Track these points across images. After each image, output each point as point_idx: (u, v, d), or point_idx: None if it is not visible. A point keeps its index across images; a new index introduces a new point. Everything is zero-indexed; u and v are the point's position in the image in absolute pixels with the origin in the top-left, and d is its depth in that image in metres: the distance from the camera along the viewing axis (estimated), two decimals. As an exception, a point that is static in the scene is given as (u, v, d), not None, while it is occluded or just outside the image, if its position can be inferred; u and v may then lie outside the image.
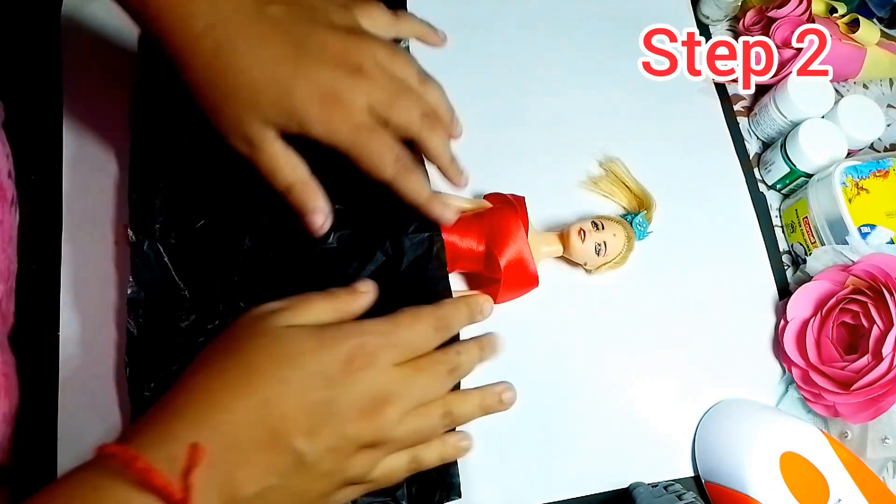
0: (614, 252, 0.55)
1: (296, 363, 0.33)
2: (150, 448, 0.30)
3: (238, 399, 0.32)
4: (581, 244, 0.54)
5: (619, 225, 0.56)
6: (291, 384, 0.33)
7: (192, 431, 0.31)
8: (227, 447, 0.31)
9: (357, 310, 0.38)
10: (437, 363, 0.36)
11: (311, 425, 0.32)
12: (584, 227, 0.54)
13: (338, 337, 0.34)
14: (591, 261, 0.55)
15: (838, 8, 0.67)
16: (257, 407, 0.32)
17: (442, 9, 0.66)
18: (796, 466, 0.51)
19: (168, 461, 0.30)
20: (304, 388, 0.33)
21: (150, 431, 0.31)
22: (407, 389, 0.35)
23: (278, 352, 0.33)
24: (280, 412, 0.32)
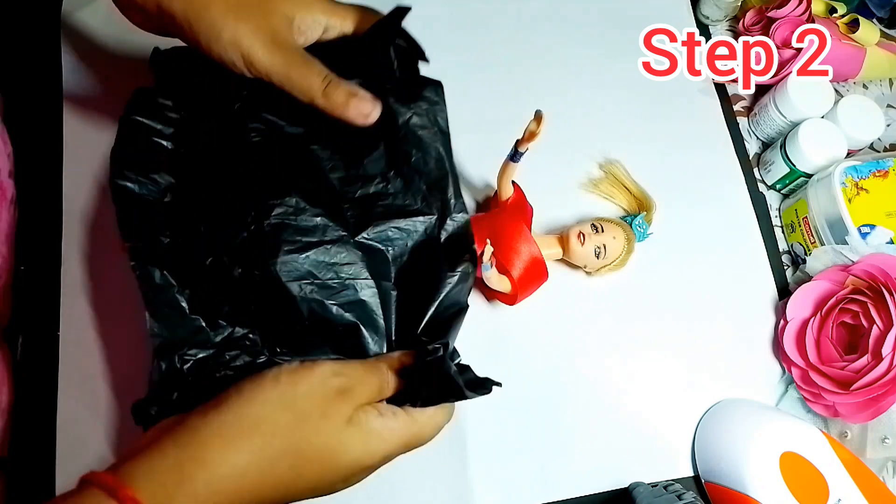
0: (614, 254, 0.55)
1: (336, 480, 0.36)
2: (141, 479, 0.30)
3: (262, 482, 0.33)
4: (580, 247, 0.54)
5: (619, 227, 0.56)
6: (317, 491, 0.35)
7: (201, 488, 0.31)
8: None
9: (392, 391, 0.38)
10: None
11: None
12: (583, 231, 0.54)
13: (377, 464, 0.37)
14: (590, 263, 0.55)
15: (838, 8, 0.67)
16: (270, 498, 0.33)
17: (442, 9, 0.67)
18: (796, 466, 0.51)
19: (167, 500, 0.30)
20: (319, 493, 0.36)
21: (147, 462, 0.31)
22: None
23: (331, 461, 0.35)
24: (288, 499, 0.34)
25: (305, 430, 0.34)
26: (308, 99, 0.39)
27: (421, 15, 0.65)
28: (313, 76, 0.39)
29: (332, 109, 0.39)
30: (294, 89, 0.39)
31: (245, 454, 0.32)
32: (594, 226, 0.55)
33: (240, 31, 0.37)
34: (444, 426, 0.39)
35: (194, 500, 0.31)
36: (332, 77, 0.40)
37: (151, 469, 0.31)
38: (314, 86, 0.39)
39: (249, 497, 0.33)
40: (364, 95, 0.40)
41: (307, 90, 0.39)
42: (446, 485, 0.52)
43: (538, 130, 0.47)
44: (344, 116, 0.40)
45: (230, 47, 0.38)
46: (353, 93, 0.40)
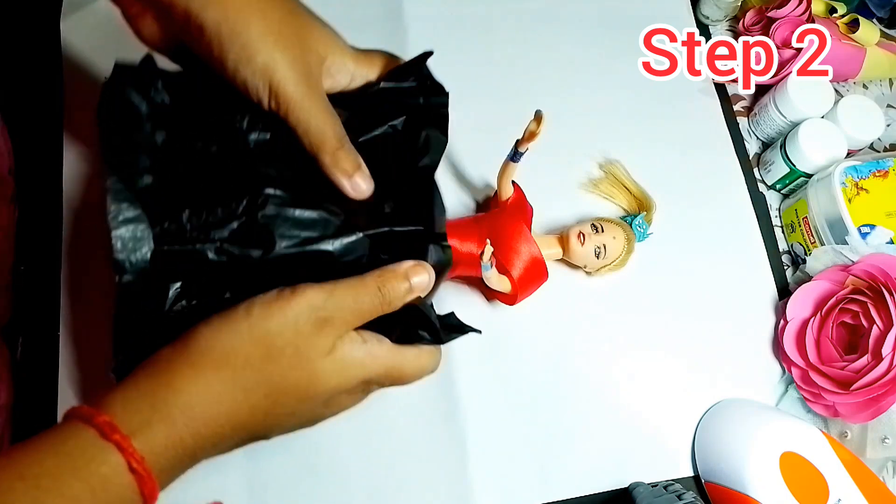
0: (614, 254, 0.55)
1: (316, 406, 0.36)
2: (117, 406, 0.31)
3: (238, 409, 0.33)
4: (580, 247, 0.54)
5: (619, 227, 0.56)
6: (298, 416, 0.36)
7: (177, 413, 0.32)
8: (200, 441, 0.32)
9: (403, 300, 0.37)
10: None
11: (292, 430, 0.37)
12: (583, 231, 0.54)
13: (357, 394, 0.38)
14: (590, 263, 0.55)
15: (838, 8, 0.67)
16: (250, 428, 0.34)
17: (442, 9, 0.67)
18: (796, 466, 0.51)
19: (141, 425, 0.31)
20: (303, 420, 0.37)
21: (122, 392, 0.32)
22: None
23: (307, 391, 0.35)
24: (269, 432, 0.36)
25: (278, 364, 0.34)
26: (314, 151, 0.37)
27: (421, 15, 0.66)
28: (330, 132, 0.37)
29: (333, 173, 0.37)
30: (307, 135, 0.37)
31: (217, 383, 0.33)
32: (594, 226, 0.55)
33: (276, 58, 0.35)
34: (428, 372, 0.39)
35: (170, 423, 0.31)
36: (346, 141, 0.38)
37: (125, 397, 0.32)
38: (327, 142, 0.37)
39: (227, 423, 0.33)
40: (366, 172, 0.38)
41: (319, 143, 0.37)
42: (446, 485, 0.52)
43: (538, 130, 0.47)
44: (339, 184, 0.38)
45: (260, 73, 0.35)
46: (359, 165, 0.38)
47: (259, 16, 0.35)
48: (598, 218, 0.56)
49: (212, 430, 0.32)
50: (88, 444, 0.29)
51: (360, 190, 0.38)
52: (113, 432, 0.29)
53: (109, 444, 0.29)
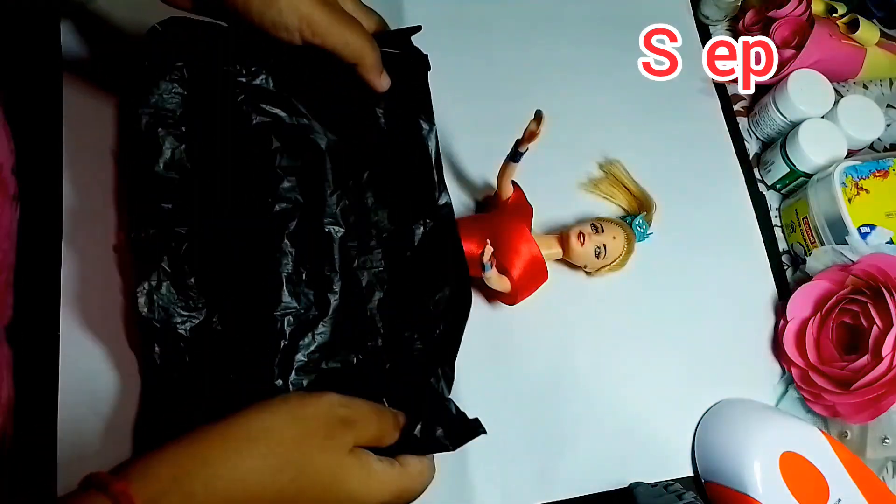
0: (614, 254, 0.55)
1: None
2: (136, 474, 0.30)
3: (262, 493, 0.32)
4: (581, 247, 0.54)
5: (619, 227, 0.56)
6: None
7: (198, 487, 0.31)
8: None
9: (391, 441, 0.39)
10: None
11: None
12: (583, 231, 0.54)
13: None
14: (591, 263, 0.55)
15: (838, 8, 0.67)
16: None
17: (442, 9, 0.67)
18: (796, 466, 0.51)
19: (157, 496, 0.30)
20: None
21: (146, 459, 0.31)
22: None
23: (332, 485, 0.35)
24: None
25: (310, 446, 0.34)
26: (356, 61, 0.42)
27: (421, 15, 0.66)
28: (366, 45, 0.42)
29: (373, 77, 0.44)
30: (346, 49, 0.41)
31: (248, 458, 0.32)
32: (594, 226, 0.55)
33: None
34: (430, 482, 0.40)
35: (190, 499, 0.30)
36: (377, 48, 0.43)
37: (148, 465, 0.31)
38: (366, 55, 0.42)
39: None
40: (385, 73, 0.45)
41: (359, 51, 0.42)
42: (446, 485, 0.52)
43: (538, 130, 0.47)
44: (374, 83, 0.44)
45: (288, 10, 0.39)
46: (382, 69, 0.45)
47: None
48: (598, 218, 0.56)
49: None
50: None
51: (385, 85, 0.46)
52: (126, 501, 0.29)
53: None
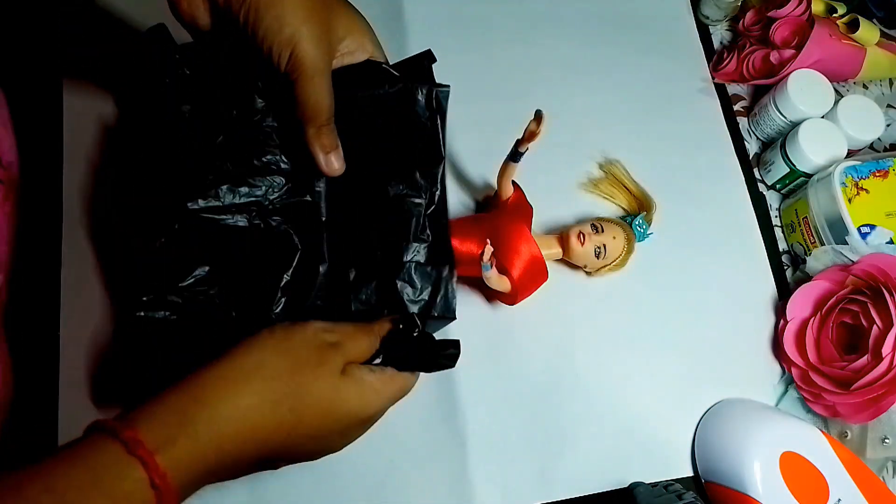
0: (614, 254, 0.55)
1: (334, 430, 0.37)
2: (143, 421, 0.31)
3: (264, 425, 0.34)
4: (581, 247, 0.54)
5: (619, 227, 0.56)
6: (315, 440, 0.37)
7: (202, 428, 0.32)
8: (222, 458, 0.33)
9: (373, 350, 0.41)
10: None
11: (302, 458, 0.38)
12: (583, 231, 0.54)
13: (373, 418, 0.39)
14: (591, 263, 0.55)
15: (838, 8, 0.67)
16: (272, 446, 0.34)
17: (442, 9, 0.67)
18: (796, 466, 0.51)
19: (166, 441, 0.31)
20: (320, 446, 0.37)
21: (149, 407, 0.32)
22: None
23: (330, 409, 0.36)
24: (287, 455, 0.36)
25: (304, 374, 0.35)
26: (304, 121, 0.41)
27: (421, 15, 0.66)
28: (324, 109, 0.41)
29: (313, 145, 0.42)
30: (304, 106, 0.40)
31: (246, 395, 0.33)
32: (594, 226, 0.55)
33: (301, 32, 0.39)
34: (416, 379, 0.42)
35: (195, 440, 0.31)
36: (332, 122, 0.42)
37: (152, 412, 0.32)
38: (318, 117, 0.41)
39: (252, 439, 0.33)
40: (341, 154, 0.43)
41: (311, 116, 0.41)
42: (446, 485, 0.52)
43: (538, 130, 0.47)
44: (316, 156, 0.42)
45: (285, 42, 0.39)
46: (336, 145, 0.43)
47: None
48: (598, 218, 0.56)
49: (236, 447, 0.33)
50: (114, 459, 0.30)
51: (332, 167, 0.43)
52: (138, 448, 0.30)
53: (134, 459, 0.30)
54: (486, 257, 0.47)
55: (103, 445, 0.30)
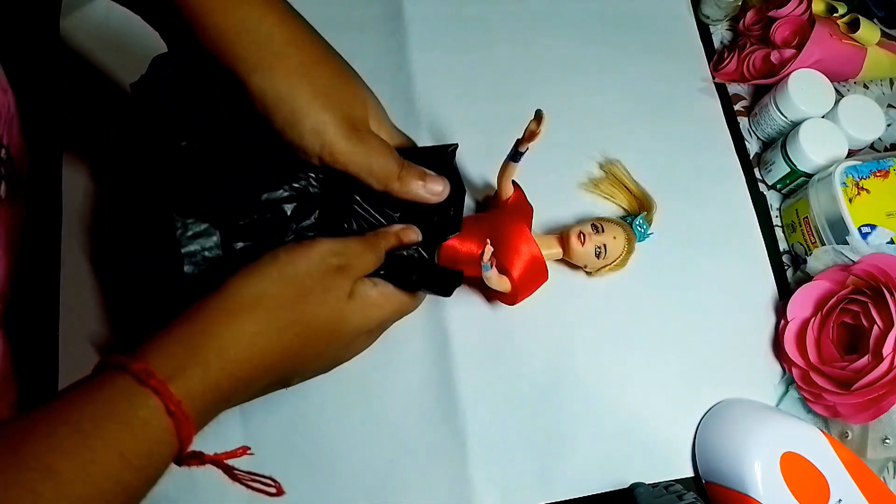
0: (614, 254, 0.55)
1: (340, 348, 0.38)
2: (152, 354, 0.32)
3: (271, 350, 0.35)
4: (581, 248, 0.54)
5: (619, 227, 0.56)
6: (323, 358, 0.38)
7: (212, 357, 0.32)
8: (234, 384, 0.33)
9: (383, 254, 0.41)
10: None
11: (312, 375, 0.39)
12: (583, 230, 0.54)
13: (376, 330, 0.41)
14: (591, 263, 0.55)
15: (838, 8, 0.67)
16: (281, 369, 0.36)
17: (442, 9, 0.67)
18: (797, 466, 0.51)
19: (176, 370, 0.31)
20: (329, 361, 0.39)
21: (157, 340, 0.32)
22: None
23: (335, 331, 0.37)
24: (297, 374, 0.38)
25: (309, 302, 0.35)
26: (383, 186, 0.39)
27: (421, 14, 0.66)
28: (391, 163, 0.39)
29: (406, 193, 0.40)
30: (371, 177, 0.38)
31: (250, 325, 0.34)
32: (594, 226, 0.55)
33: (325, 120, 0.36)
34: (413, 308, 0.43)
35: (206, 367, 0.32)
36: (404, 161, 0.40)
37: (160, 345, 0.32)
38: (392, 173, 0.39)
39: (261, 364, 0.34)
40: (433, 175, 0.41)
41: (385, 178, 0.39)
42: (447, 485, 0.52)
43: (539, 130, 0.47)
44: (417, 198, 0.40)
45: (310, 135, 0.36)
46: (424, 174, 0.40)
47: (306, 81, 0.36)
48: (598, 218, 0.56)
49: (246, 373, 0.33)
50: (127, 390, 0.30)
51: (436, 192, 0.41)
52: (150, 378, 0.30)
53: (147, 389, 0.30)
54: (486, 257, 0.47)
55: (114, 379, 0.30)
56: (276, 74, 0.35)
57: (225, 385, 0.33)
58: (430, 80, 0.63)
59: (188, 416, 0.30)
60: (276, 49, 0.35)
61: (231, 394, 0.33)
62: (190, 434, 0.31)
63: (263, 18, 0.35)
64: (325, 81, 0.36)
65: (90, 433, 0.28)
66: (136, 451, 0.29)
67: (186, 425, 0.31)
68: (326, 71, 0.37)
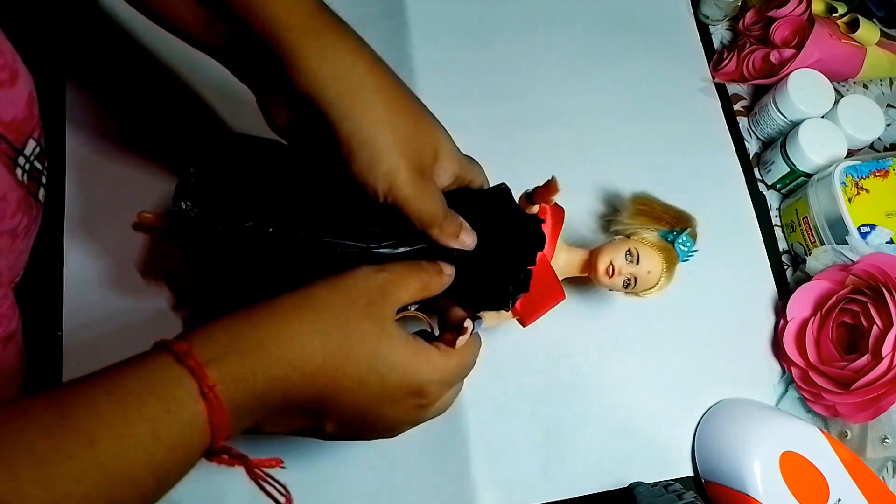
0: (645, 287, 0.50)
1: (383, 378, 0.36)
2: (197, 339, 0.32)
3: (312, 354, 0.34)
4: (608, 280, 0.49)
5: (658, 254, 0.49)
6: (363, 394, 0.36)
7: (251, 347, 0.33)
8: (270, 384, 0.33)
9: (438, 290, 0.41)
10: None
11: (348, 428, 0.38)
12: (614, 262, 0.48)
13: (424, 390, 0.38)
14: (616, 291, 0.51)
15: (838, 8, 0.67)
16: (319, 385, 0.34)
17: (442, 8, 0.67)
18: (796, 466, 0.51)
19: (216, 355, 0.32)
20: (367, 402, 0.36)
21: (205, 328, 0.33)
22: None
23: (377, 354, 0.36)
24: (334, 404, 0.36)
25: (354, 310, 0.36)
26: (425, 226, 0.41)
27: (422, 14, 0.66)
28: (439, 208, 0.41)
29: (441, 238, 0.41)
30: (419, 220, 0.40)
31: (296, 323, 0.34)
32: (629, 254, 0.49)
33: (399, 166, 0.38)
34: (475, 360, 0.42)
35: (244, 356, 0.32)
36: (448, 211, 0.42)
37: (206, 330, 0.33)
38: (437, 217, 0.41)
39: (300, 368, 0.34)
40: (468, 228, 0.43)
41: (428, 223, 0.40)
42: (448, 484, 0.52)
43: (550, 200, 0.45)
44: (449, 245, 0.42)
45: (382, 178, 0.38)
46: (460, 225, 0.43)
47: (389, 129, 0.38)
48: (636, 240, 0.50)
49: (283, 372, 0.33)
50: (167, 369, 0.31)
51: (466, 244, 0.43)
52: (188, 358, 0.31)
53: (184, 369, 0.31)
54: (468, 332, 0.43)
55: (159, 357, 0.31)
56: (364, 121, 0.37)
57: (260, 379, 0.32)
58: (432, 78, 0.63)
59: (221, 403, 0.31)
60: (365, 96, 0.37)
61: (266, 393, 0.33)
62: (221, 422, 0.31)
63: (355, 67, 0.37)
64: (404, 130, 0.39)
65: (130, 406, 0.29)
66: (168, 431, 0.30)
67: (219, 412, 0.31)
68: (407, 120, 0.39)
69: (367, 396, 0.36)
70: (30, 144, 0.47)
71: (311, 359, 0.34)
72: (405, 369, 0.37)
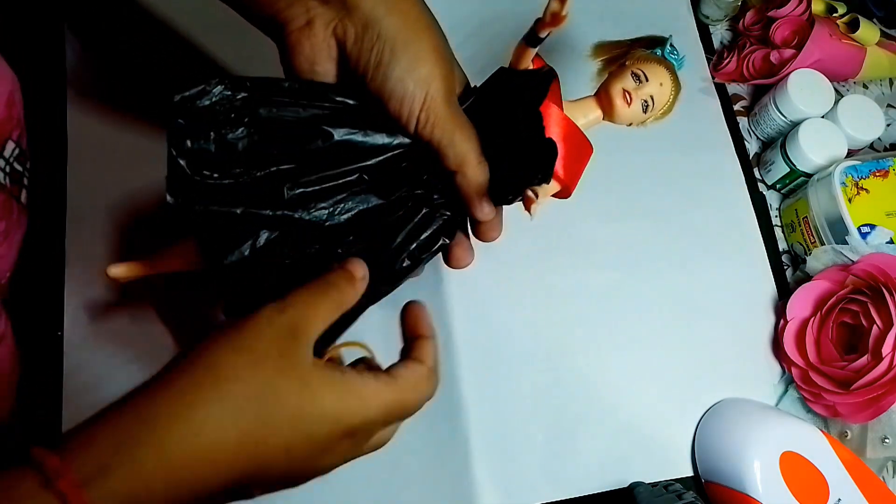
0: (662, 102, 0.46)
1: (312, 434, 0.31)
2: (76, 449, 0.26)
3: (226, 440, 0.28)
4: (628, 109, 0.45)
5: (662, 66, 0.46)
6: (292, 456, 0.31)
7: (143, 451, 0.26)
8: (175, 490, 0.27)
9: (354, 301, 0.35)
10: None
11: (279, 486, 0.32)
12: (626, 87, 0.45)
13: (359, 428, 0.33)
14: (637, 121, 0.47)
15: (838, 8, 0.67)
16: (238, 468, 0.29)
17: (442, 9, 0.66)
18: (796, 466, 0.51)
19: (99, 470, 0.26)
20: (296, 463, 0.31)
21: (86, 431, 0.27)
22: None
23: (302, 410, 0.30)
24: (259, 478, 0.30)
25: (265, 369, 0.29)
26: (457, 165, 0.37)
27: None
28: (474, 145, 0.38)
29: (468, 189, 0.37)
30: (451, 148, 0.37)
31: (200, 407, 0.28)
32: (635, 75, 0.46)
33: (435, 72, 0.37)
34: (427, 399, 0.36)
35: (137, 467, 0.26)
36: (483, 159, 0.38)
37: (88, 435, 0.27)
38: (471, 156, 0.37)
39: (212, 461, 0.28)
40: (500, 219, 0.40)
41: (463, 156, 0.37)
42: (448, 484, 0.52)
43: (563, 12, 0.40)
44: (471, 201, 0.38)
45: (421, 83, 0.36)
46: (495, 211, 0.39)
47: (428, 32, 0.37)
48: (635, 60, 0.47)
49: (192, 473, 0.27)
50: (29, 496, 0.25)
51: (485, 213, 0.38)
52: (58, 479, 0.25)
53: (52, 496, 0.25)
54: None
55: (22, 479, 0.25)
56: (408, 19, 0.37)
57: (160, 488, 0.26)
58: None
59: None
60: (405, 5, 0.37)
61: (171, 500, 0.27)
62: None
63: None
64: (438, 39, 0.38)
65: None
66: None
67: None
68: (439, 33, 0.39)
69: (295, 458, 0.31)
70: (8, 146, 0.46)
71: (223, 446, 0.28)
72: (334, 416, 0.31)
